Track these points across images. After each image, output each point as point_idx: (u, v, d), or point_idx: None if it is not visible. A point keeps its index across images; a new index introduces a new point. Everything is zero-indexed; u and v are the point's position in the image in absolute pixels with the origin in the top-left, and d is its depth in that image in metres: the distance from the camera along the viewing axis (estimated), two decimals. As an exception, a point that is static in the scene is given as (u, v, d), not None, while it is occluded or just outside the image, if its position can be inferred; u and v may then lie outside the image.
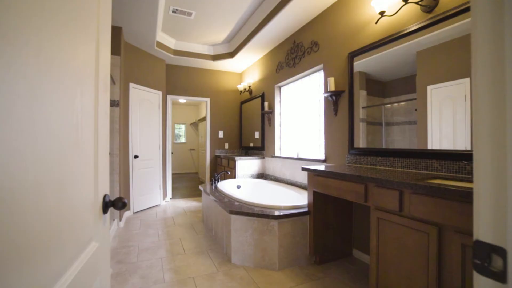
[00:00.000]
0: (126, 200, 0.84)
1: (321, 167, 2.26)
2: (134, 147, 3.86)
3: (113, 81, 3.13)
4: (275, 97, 4.01)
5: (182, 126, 9.51)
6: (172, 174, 8.85)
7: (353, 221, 2.48)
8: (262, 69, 4.44)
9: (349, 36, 2.57)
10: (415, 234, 1.36)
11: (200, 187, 3.48)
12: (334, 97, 2.69)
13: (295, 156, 3.41)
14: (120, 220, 3.26)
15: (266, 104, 4.09)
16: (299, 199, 2.81)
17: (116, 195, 3.20)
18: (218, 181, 3.65)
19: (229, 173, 3.66)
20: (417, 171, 1.87)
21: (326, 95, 2.75)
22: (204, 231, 3.13)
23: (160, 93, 4.41)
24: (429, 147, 1.84)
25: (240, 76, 5.42)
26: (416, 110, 1.95)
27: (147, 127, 4.14)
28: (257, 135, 4.60)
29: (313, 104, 3.26)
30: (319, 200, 2.26)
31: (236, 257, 2.27)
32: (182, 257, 2.41)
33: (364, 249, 2.37)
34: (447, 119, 1.74)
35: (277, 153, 3.97)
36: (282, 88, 4.00)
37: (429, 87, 1.86)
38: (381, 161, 2.17)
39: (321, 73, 3.09)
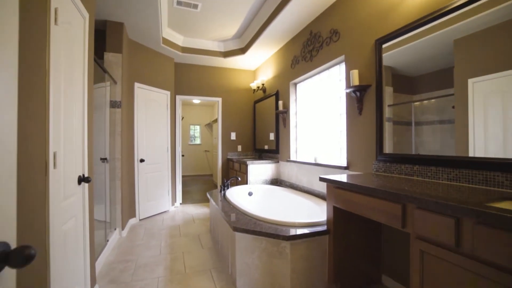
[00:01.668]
0: (33, 251, 0.53)
1: (343, 176, 1.87)
2: (140, 150, 3.66)
3: (113, 81, 2.93)
4: (290, 95, 3.63)
5: (197, 127, 9.38)
6: (187, 176, 8.73)
7: (382, 241, 2.06)
8: (276, 65, 4.09)
9: (375, 21, 2.15)
10: (483, 283, 0.95)
11: (208, 194, 3.19)
12: (358, 93, 2.27)
13: (313, 161, 3.02)
14: (123, 229, 3.05)
15: (280, 103, 3.73)
16: (317, 212, 2.43)
17: (118, 203, 3.00)
18: (227, 188, 3.35)
19: (239, 179, 3.35)
20: (470, 185, 1.43)
21: (348, 90, 2.34)
22: (210, 243, 2.84)
23: (168, 93, 4.19)
24: (471, 150, 1.48)
25: (253, 74, 5.10)
26: (453, 107, 1.58)
27: (155, 129, 3.93)
28: (272, 136, 4.25)
29: (333, 102, 2.85)
30: (340, 217, 1.87)
31: (242, 281, 1.94)
32: (181, 278, 2.12)
33: (397, 277, 1.94)
34: (494, 116, 1.38)
35: (292, 157, 3.60)
36: (298, 85, 3.62)
37: (470, 81, 1.51)
38: (420, 171, 1.74)
39: (342, 66, 2.68)
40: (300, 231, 1.85)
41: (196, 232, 3.19)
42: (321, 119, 3.07)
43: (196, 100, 7.88)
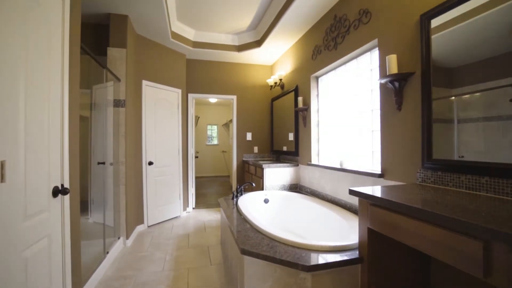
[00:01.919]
0: None
1: (377, 189, 1.46)
2: (149, 152, 3.44)
3: (116, 78, 2.70)
4: (311, 90, 3.22)
5: (215, 127, 9.18)
6: (204, 177, 8.55)
7: (432, 272, 1.60)
8: (295, 58, 3.68)
9: (421, -9, 1.70)
10: None
11: (219, 201, 2.88)
12: (396, 84, 1.83)
13: (338, 166, 2.59)
14: (128, 238, 2.83)
15: (300, 99, 3.33)
16: (344, 229, 2.01)
17: (122, 210, 2.77)
18: (241, 194, 3.02)
19: (253, 185, 3.01)
20: None
21: (384, 80, 1.90)
22: (219, 258, 2.52)
23: (179, 91, 3.95)
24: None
25: (270, 69, 4.73)
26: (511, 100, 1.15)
27: (165, 130, 3.70)
28: (291, 136, 3.85)
29: (363, 97, 2.41)
30: (377, 241, 1.45)
31: (252, 315, 1.59)
32: (182, 303, 1.81)
33: (453, 322, 1.48)
34: None
35: (314, 161, 3.18)
36: (319, 79, 3.19)
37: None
38: (491, 185, 1.28)
39: (375, 52, 2.24)
40: (324, 258, 1.46)
41: (206, 243, 2.89)
42: (348, 116, 2.63)
43: (213, 99, 7.67)
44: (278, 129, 4.37)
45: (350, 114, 2.59)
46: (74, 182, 1.54)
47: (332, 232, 2.18)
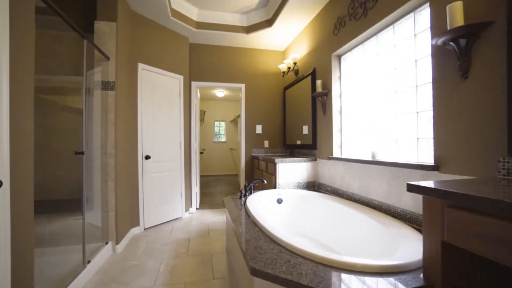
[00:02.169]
0: None
1: (429, 183, 0.97)
2: (146, 145, 3.04)
3: (104, 56, 2.30)
4: (332, 72, 2.74)
5: (222, 124, 8.78)
6: (211, 176, 8.16)
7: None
8: (311, 37, 3.21)
9: None
10: None
11: (224, 201, 2.44)
12: (462, 42, 1.33)
13: (370, 159, 2.11)
14: (118, 243, 2.42)
15: (318, 82, 2.85)
16: (385, 240, 1.52)
17: (111, 209, 2.37)
18: (250, 193, 2.57)
19: (265, 182, 2.56)
20: None
21: (442, 40, 1.40)
22: (224, 270, 2.08)
23: (181, 78, 3.54)
24: None
25: (282, 55, 4.26)
26: None
27: (164, 120, 3.29)
28: (305, 129, 3.38)
29: (404, 71, 1.91)
30: (455, 260, 0.96)
31: None
32: (173, 335, 1.38)
33: None
34: None
35: (336, 154, 2.70)
36: (342, 58, 2.71)
37: None
38: None
39: (420, 14, 1.75)
40: (374, 285, 0.99)
41: (209, 251, 2.45)
42: (379, 98, 2.14)
43: (220, 93, 7.27)
44: (291, 121, 3.90)
45: (382, 96, 2.10)
46: (19, 174, 1.13)
47: (368, 243, 1.70)
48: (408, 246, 1.28)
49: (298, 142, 3.59)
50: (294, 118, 3.79)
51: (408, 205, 1.71)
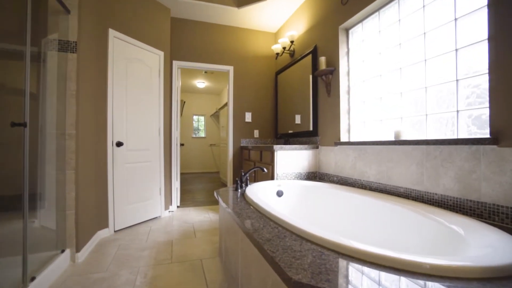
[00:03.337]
0: None
1: None
2: (117, 129, 2.50)
3: (63, 7, 1.76)
4: (339, 47, 2.43)
5: (202, 118, 8.24)
6: (189, 173, 7.58)
7: None
8: (313, 11, 2.89)
9: None
10: None
11: (216, 194, 2.01)
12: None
13: (392, 139, 1.81)
14: (79, 251, 1.88)
15: (322, 59, 2.53)
16: (440, 237, 1.20)
17: (70, 208, 1.83)
18: (246, 184, 2.17)
19: (265, 170, 2.17)
20: None
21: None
22: (220, 280, 1.65)
23: (161, 54, 3.03)
24: None
25: (274, 37, 3.91)
26: None
27: (140, 102, 2.77)
28: (302, 116, 3.05)
29: (433, 37, 1.63)
30: None
31: None
32: None
33: None
34: None
35: (343, 139, 2.39)
36: (351, 32, 2.41)
37: None
38: None
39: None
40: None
41: (198, 255, 2.00)
42: (406, 70, 1.85)
43: (201, 84, 6.75)
44: (285, 108, 3.56)
45: (406, 69, 1.82)
46: None
47: (413, 240, 1.37)
48: (485, 241, 0.97)
49: (290, 131, 3.25)
50: (288, 104, 3.45)
51: (450, 190, 1.42)
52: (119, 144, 2.49)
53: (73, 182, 1.83)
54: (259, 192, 2.01)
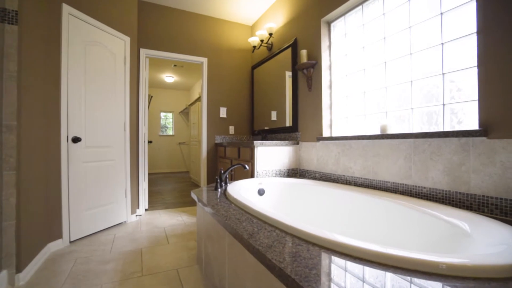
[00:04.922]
0: None
1: None
2: (73, 122, 2.14)
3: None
4: (321, 41, 2.36)
5: (170, 115, 7.78)
6: (156, 173, 7.09)
7: None
8: (291, 4, 2.80)
9: None
10: None
11: (193, 195, 1.80)
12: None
13: (378, 133, 1.78)
14: (22, 270, 1.53)
15: (303, 52, 2.45)
16: (439, 230, 1.16)
17: (10, 218, 1.48)
18: (225, 183, 2.00)
19: (247, 167, 2.00)
20: None
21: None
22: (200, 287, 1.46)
23: (127, 40, 2.70)
24: None
25: (250, 30, 3.77)
26: None
27: (102, 92, 2.42)
28: (281, 112, 2.96)
29: (420, 29, 1.63)
30: None
31: None
32: None
33: None
34: None
35: (325, 134, 2.33)
36: (333, 25, 2.37)
37: None
38: None
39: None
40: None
41: (173, 264, 1.78)
42: (390, 64, 1.84)
43: (169, 78, 6.34)
44: (261, 103, 3.44)
45: (390, 62, 1.81)
46: None
47: (410, 236, 1.32)
48: (489, 237, 0.93)
49: (267, 128, 3.14)
50: (264, 100, 3.34)
51: (439, 183, 1.41)
52: (75, 139, 2.13)
53: (13, 185, 1.48)
54: (242, 191, 1.85)
